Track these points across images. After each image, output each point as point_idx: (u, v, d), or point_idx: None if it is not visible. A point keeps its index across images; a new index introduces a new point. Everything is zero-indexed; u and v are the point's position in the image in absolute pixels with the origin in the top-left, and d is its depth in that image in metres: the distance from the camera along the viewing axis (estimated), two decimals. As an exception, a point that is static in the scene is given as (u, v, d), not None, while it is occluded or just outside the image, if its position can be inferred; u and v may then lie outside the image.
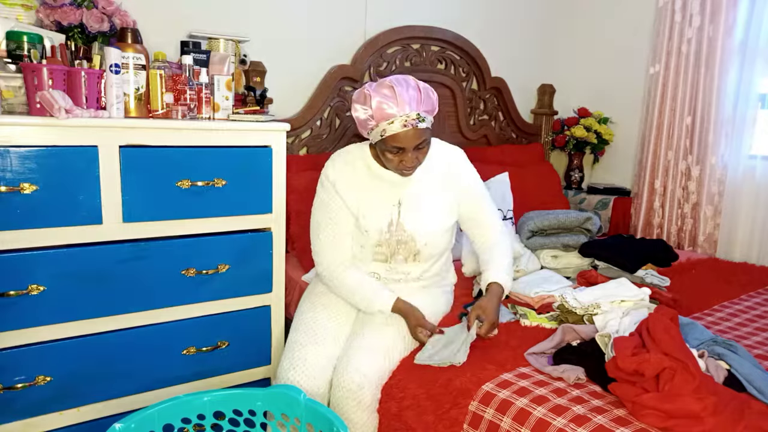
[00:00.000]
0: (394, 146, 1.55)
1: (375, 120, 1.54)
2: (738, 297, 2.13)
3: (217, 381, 1.80)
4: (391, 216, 1.69)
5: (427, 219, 1.70)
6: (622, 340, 1.38)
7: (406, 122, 1.52)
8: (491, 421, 1.36)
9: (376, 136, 1.57)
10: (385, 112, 1.52)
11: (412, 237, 1.69)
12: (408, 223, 1.68)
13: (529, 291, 1.91)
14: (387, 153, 1.58)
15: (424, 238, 1.70)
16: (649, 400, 1.25)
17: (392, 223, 1.68)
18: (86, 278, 1.53)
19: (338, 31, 2.53)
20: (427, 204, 1.71)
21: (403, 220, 1.68)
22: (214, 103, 1.80)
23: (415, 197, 1.70)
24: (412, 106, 1.53)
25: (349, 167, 1.70)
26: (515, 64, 3.17)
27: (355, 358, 1.56)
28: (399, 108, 1.51)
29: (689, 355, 1.31)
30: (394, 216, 1.69)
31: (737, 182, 2.77)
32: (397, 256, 1.71)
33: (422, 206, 1.70)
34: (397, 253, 1.71)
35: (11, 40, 1.55)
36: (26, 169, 1.43)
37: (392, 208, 1.69)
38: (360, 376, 1.52)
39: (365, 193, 1.69)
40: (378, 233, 1.68)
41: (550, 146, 3.32)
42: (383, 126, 1.53)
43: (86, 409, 1.60)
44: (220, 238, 1.74)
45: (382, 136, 1.54)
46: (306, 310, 1.76)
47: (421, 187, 1.71)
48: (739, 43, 2.72)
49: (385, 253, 1.71)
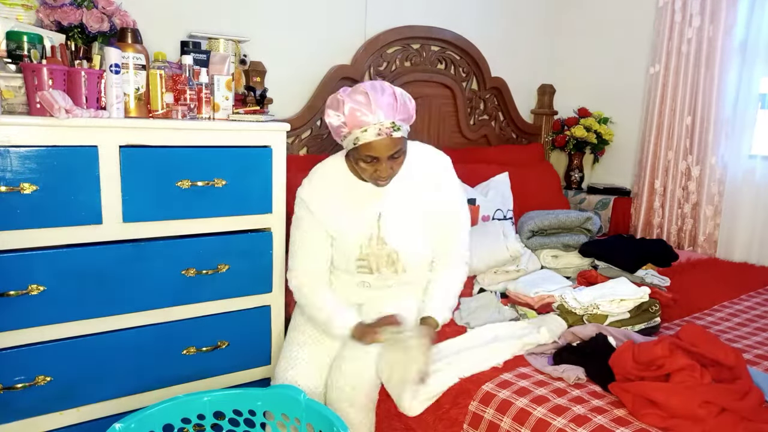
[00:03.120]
0: (368, 155, 1.46)
1: (348, 127, 1.46)
2: (738, 297, 2.13)
3: (217, 381, 1.80)
4: (371, 231, 1.60)
5: (408, 229, 1.61)
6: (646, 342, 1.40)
7: (380, 131, 1.43)
8: (491, 421, 1.36)
9: (349, 144, 1.49)
10: (358, 120, 1.43)
11: (395, 251, 1.60)
12: (389, 237, 1.60)
13: (529, 291, 1.91)
14: (360, 162, 1.50)
15: (407, 251, 1.61)
16: (656, 389, 1.25)
17: (372, 237, 1.59)
18: (86, 278, 1.53)
19: (338, 31, 2.53)
20: (408, 215, 1.62)
21: (383, 235, 1.59)
22: (214, 103, 1.80)
23: (395, 209, 1.61)
24: (387, 114, 1.44)
25: (326, 182, 1.63)
26: (515, 64, 3.17)
27: (350, 359, 1.55)
28: (373, 116, 1.43)
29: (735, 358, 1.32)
30: (374, 231, 1.60)
31: (737, 182, 2.77)
32: (382, 268, 1.62)
33: (403, 219, 1.61)
34: (380, 265, 1.61)
35: (11, 40, 1.54)
36: (26, 169, 1.43)
37: (372, 222, 1.60)
38: (355, 377, 1.52)
39: (343, 208, 1.61)
40: (358, 249, 1.60)
41: (550, 146, 3.32)
42: (356, 134, 1.44)
43: (86, 409, 1.60)
44: (220, 238, 1.74)
45: (355, 144, 1.46)
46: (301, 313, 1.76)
47: (401, 197, 1.62)
48: (739, 43, 2.72)
49: (368, 266, 1.62)
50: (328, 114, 1.50)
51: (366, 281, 1.68)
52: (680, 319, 1.88)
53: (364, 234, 1.60)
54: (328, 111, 1.51)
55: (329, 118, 1.50)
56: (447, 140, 2.85)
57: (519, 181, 2.69)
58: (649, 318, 1.73)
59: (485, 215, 2.46)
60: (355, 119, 1.44)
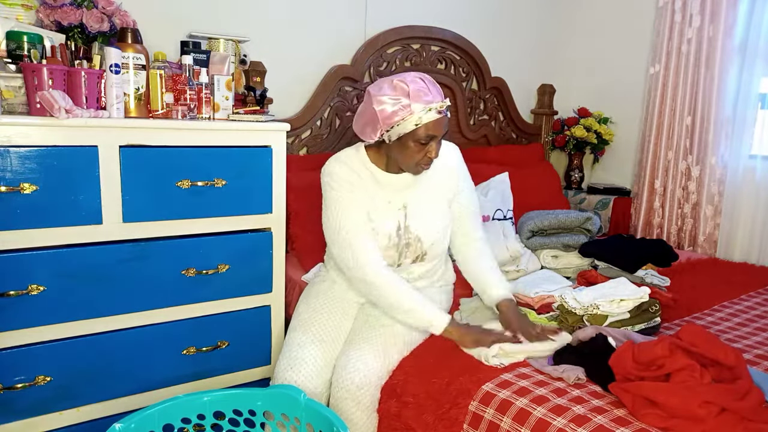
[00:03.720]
0: (429, 134, 1.53)
1: (411, 109, 1.50)
2: (738, 297, 2.13)
3: (217, 381, 1.80)
4: (398, 220, 1.68)
5: (431, 220, 1.70)
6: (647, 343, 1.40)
7: (441, 109, 1.53)
8: (491, 421, 1.36)
9: (407, 126, 1.52)
10: (422, 99, 1.51)
11: (418, 239, 1.69)
12: (414, 226, 1.68)
13: (529, 291, 1.91)
14: (412, 146, 1.55)
15: (430, 239, 1.70)
16: (655, 389, 1.25)
17: (400, 227, 1.68)
18: (86, 278, 1.53)
19: (338, 31, 2.53)
20: (430, 205, 1.71)
21: (409, 224, 1.68)
22: (214, 103, 1.80)
23: (418, 199, 1.70)
24: (440, 93, 1.57)
25: (353, 170, 1.67)
26: (515, 64, 3.17)
27: (355, 358, 1.55)
28: (435, 96, 1.53)
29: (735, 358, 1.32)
30: (401, 220, 1.68)
31: (737, 182, 2.77)
32: (405, 258, 1.71)
33: (426, 208, 1.70)
34: (405, 256, 1.71)
35: (11, 40, 1.55)
36: (26, 169, 1.43)
37: (398, 212, 1.69)
38: (360, 376, 1.52)
39: (371, 197, 1.66)
40: (387, 238, 1.67)
41: (550, 146, 3.32)
42: (419, 114, 1.50)
43: (86, 409, 1.60)
44: (220, 238, 1.74)
45: (416, 125, 1.51)
46: (304, 311, 1.76)
47: (423, 189, 1.71)
48: (739, 43, 2.72)
49: (393, 257, 1.70)
50: (382, 101, 1.53)
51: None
52: (680, 319, 1.88)
53: (392, 223, 1.67)
54: (380, 98, 1.53)
55: (382, 105, 1.52)
56: (447, 140, 2.84)
57: (519, 181, 2.69)
58: (649, 318, 1.73)
59: (485, 215, 2.45)
60: (419, 99, 1.51)
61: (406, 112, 1.51)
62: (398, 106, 1.52)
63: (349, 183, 1.65)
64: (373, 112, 1.54)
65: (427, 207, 1.70)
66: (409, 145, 1.56)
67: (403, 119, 1.52)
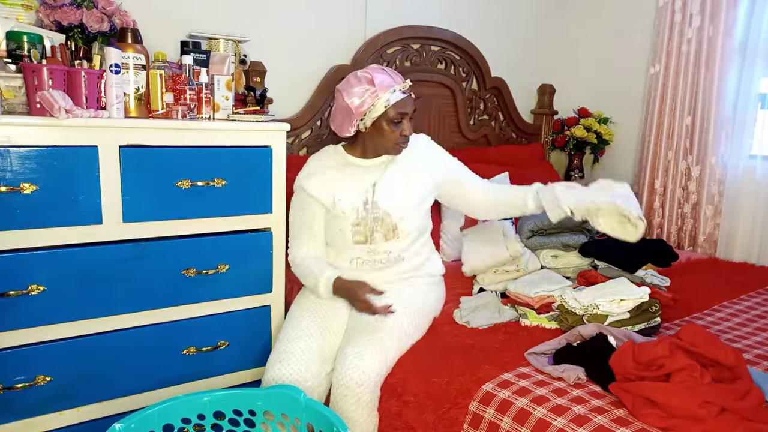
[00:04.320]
0: (399, 112, 1.68)
1: (378, 94, 1.65)
2: (738, 297, 2.13)
3: (217, 381, 1.80)
4: (366, 195, 1.75)
5: (401, 195, 1.76)
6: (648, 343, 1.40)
7: (405, 89, 1.70)
8: (491, 421, 1.36)
9: (378, 110, 1.66)
10: (386, 84, 1.67)
11: (386, 212, 1.74)
12: (382, 200, 1.74)
13: (529, 291, 1.91)
14: (386, 127, 1.69)
15: (399, 213, 1.75)
16: (656, 389, 1.25)
17: (367, 201, 1.74)
18: (86, 278, 1.53)
19: (338, 31, 2.53)
20: (400, 183, 1.78)
21: (377, 199, 1.74)
22: (214, 103, 1.80)
23: (388, 178, 1.77)
24: (402, 79, 1.73)
25: (321, 164, 1.80)
26: (515, 64, 3.17)
27: (353, 356, 1.56)
28: (396, 78, 1.71)
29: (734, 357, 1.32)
30: (369, 196, 1.75)
31: (737, 182, 2.77)
32: (376, 234, 1.75)
33: (395, 185, 1.77)
34: (375, 230, 1.74)
35: (11, 40, 1.55)
36: (26, 169, 1.43)
37: (368, 189, 1.75)
38: (358, 373, 1.52)
39: (340, 180, 1.76)
40: (354, 212, 1.73)
41: (550, 146, 3.32)
42: (386, 96, 1.66)
43: (86, 409, 1.60)
44: (220, 238, 1.74)
45: (386, 107, 1.66)
46: (294, 309, 1.80)
47: (394, 169, 1.79)
48: (739, 43, 2.72)
49: (363, 233, 1.74)
50: (351, 93, 1.68)
51: (359, 256, 1.77)
52: (680, 319, 1.88)
53: (359, 199, 1.74)
54: (349, 91, 1.68)
55: (352, 97, 1.68)
56: (447, 140, 2.85)
57: (519, 181, 2.66)
58: (649, 318, 1.73)
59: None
60: (384, 84, 1.67)
61: (374, 97, 1.66)
62: (366, 94, 1.67)
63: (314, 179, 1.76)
64: (346, 106, 1.69)
65: (396, 184, 1.77)
66: (383, 127, 1.70)
67: (373, 104, 1.67)
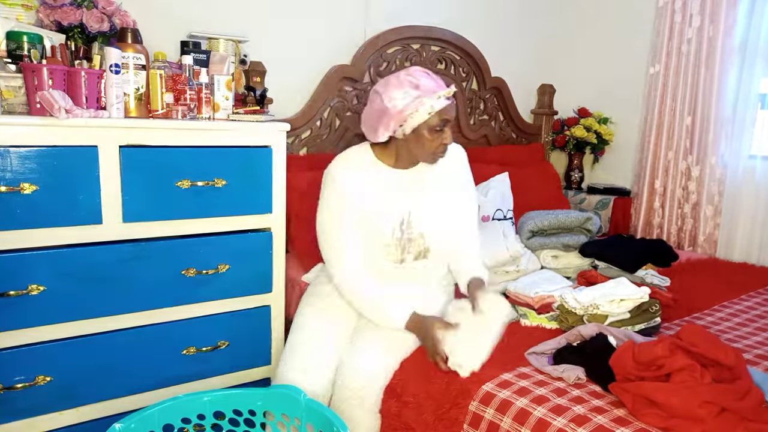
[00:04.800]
0: (442, 119, 1.58)
1: (422, 100, 1.54)
2: (738, 297, 2.13)
3: (217, 381, 1.80)
4: (402, 216, 1.68)
5: (437, 218, 1.71)
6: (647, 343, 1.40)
7: (449, 95, 1.59)
8: (491, 421, 1.36)
9: (421, 116, 1.56)
10: (431, 89, 1.57)
11: (422, 235, 1.69)
12: (418, 222, 1.68)
13: (529, 291, 1.91)
14: (427, 135, 1.58)
15: (434, 236, 1.70)
16: (656, 389, 1.25)
17: (403, 222, 1.67)
18: (86, 278, 1.53)
19: (338, 31, 2.53)
20: (436, 202, 1.71)
21: (413, 219, 1.68)
22: (214, 103, 1.80)
23: (424, 196, 1.70)
24: (445, 83, 1.62)
25: (357, 167, 1.68)
26: (515, 64, 3.17)
27: (359, 358, 1.56)
28: (440, 83, 1.60)
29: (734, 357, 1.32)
30: (405, 216, 1.68)
31: (737, 182, 2.77)
32: (408, 254, 1.69)
33: (432, 205, 1.71)
34: (407, 251, 1.69)
35: (11, 40, 1.55)
36: (26, 169, 1.43)
37: (403, 208, 1.68)
38: (363, 376, 1.52)
39: (375, 194, 1.66)
40: (391, 232, 1.66)
41: (550, 146, 3.32)
42: (431, 102, 1.55)
43: (86, 409, 1.60)
44: (220, 238, 1.74)
45: (429, 113, 1.56)
46: (307, 313, 1.76)
47: (430, 186, 1.72)
48: (739, 43, 2.72)
49: (395, 253, 1.68)
50: (392, 97, 1.56)
51: (383, 268, 1.70)
52: (680, 319, 1.88)
53: (396, 219, 1.67)
54: (390, 95, 1.56)
55: (393, 101, 1.56)
56: (447, 140, 2.85)
57: (519, 181, 2.69)
58: (649, 318, 1.73)
59: (485, 215, 2.45)
60: (429, 89, 1.56)
61: (418, 102, 1.55)
62: (409, 98, 1.55)
63: (350, 182, 1.64)
64: (384, 108, 1.56)
65: (433, 204, 1.71)
66: (424, 135, 1.59)
67: (416, 110, 1.55)
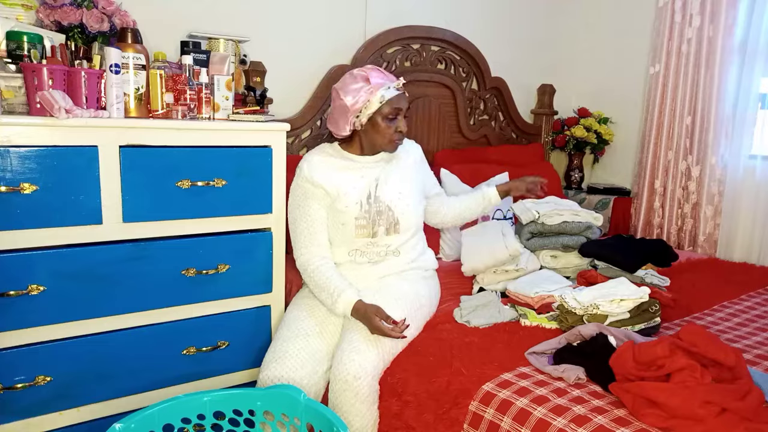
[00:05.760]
0: (393, 108, 1.73)
1: (372, 91, 1.70)
2: (738, 297, 2.13)
3: (217, 381, 1.80)
4: (369, 190, 1.79)
5: (402, 191, 1.82)
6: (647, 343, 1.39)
7: (399, 87, 1.76)
8: (491, 421, 1.36)
9: (373, 105, 1.71)
10: (381, 82, 1.72)
11: (389, 207, 1.79)
12: (384, 194, 1.79)
13: (529, 291, 1.91)
14: (381, 123, 1.74)
15: (400, 207, 1.80)
16: (656, 389, 1.25)
17: (370, 195, 1.78)
18: (86, 278, 1.53)
19: (338, 31, 2.53)
20: (401, 180, 1.84)
21: (379, 193, 1.79)
22: (214, 103, 1.80)
23: (389, 173, 1.83)
24: (395, 79, 1.79)
25: (324, 157, 1.82)
26: (515, 64, 3.17)
27: (348, 350, 1.58)
28: (390, 76, 1.78)
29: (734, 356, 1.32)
30: (371, 189, 1.79)
31: (737, 182, 2.77)
32: (379, 227, 1.78)
33: (396, 181, 1.83)
34: (378, 224, 1.78)
35: (11, 40, 1.54)
36: (26, 169, 1.43)
37: (370, 184, 1.79)
38: (355, 366, 1.54)
39: (343, 175, 1.78)
40: (358, 206, 1.76)
41: (550, 146, 3.32)
42: (381, 92, 1.71)
43: (86, 409, 1.60)
44: (220, 238, 1.74)
45: (380, 103, 1.71)
46: (291, 310, 1.80)
47: (394, 166, 1.86)
48: (739, 43, 2.72)
49: (366, 227, 1.77)
50: (347, 91, 1.73)
51: (359, 249, 1.79)
52: (680, 319, 1.88)
53: (362, 193, 1.78)
54: (345, 89, 1.73)
55: (348, 95, 1.72)
56: (447, 140, 2.85)
57: (519, 181, 2.68)
58: (649, 318, 1.73)
59: (485, 215, 2.45)
60: (379, 81, 1.73)
61: (369, 93, 1.71)
62: (362, 92, 1.71)
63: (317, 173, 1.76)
64: (343, 104, 1.72)
65: (397, 180, 1.83)
66: (379, 123, 1.74)
67: (368, 101, 1.71)
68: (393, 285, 1.78)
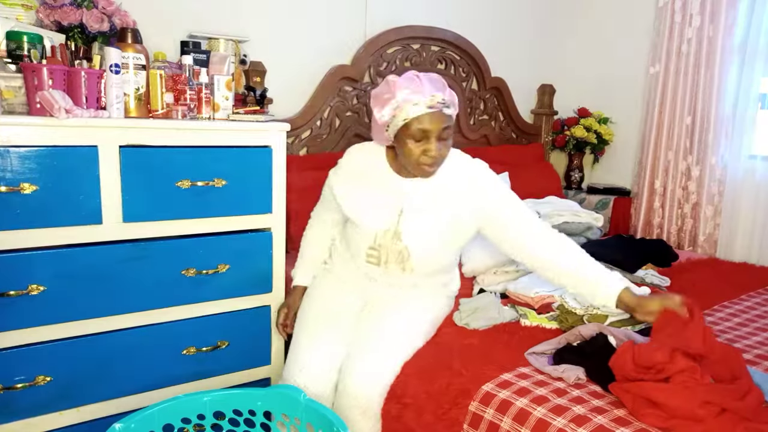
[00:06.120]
0: (421, 129, 1.44)
1: (398, 106, 1.44)
2: (738, 297, 2.13)
3: (217, 381, 1.80)
4: (390, 223, 1.59)
5: (427, 234, 1.58)
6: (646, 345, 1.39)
7: (432, 104, 1.43)
8: (491, 422, 1.36)
9: (398, 122, 1.45)
10: (409, 95, 1.43)
11: (407, 250, 1.58)
12: (405, 234, 1.58)
13: (529, 291, 1.91)
14: (409, 142, 1.47)
15: (419, 253, 1.59)
16: (656, 389, 1.25)
17: (389, 230, 1.58)
18: (86, 278, 1.53)
19: (338, 31, 2.53)
20: (431, 218, 1.58)
21: (401, 229, 1.58)
22: (214, 103, 1.80)
23: (419, 209, 1.58)
24: (437, 89, 1.46)
25: (358, 168, 1.66)
26: (515, 64, 3.17)
27: (362, 364, 1.54)
28: (424, 90, 1.44)
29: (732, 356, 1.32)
30: (392, 224, 1.58)
31: (737, 182, 2.77)
32: (390, 264, 1.61)
33: (424, 220, 1.58)
34: (389, 261, 1.61)
35: (11, 40, 1.54)
36: (26, 169, 1.43)
37: (393, 215, 1.59)
38: (367, 384, 1.51)
39: (368, 197, 1.62)
40: (372, 237, 1.60)
41: (550, 146, 3.32)
42: (407, 108, 1.43)
43: (86, 409, 1.60)
44: (220, 238, 1.74)
45: (405, 120, 1.44)
46: (308, 309, 1.76)
47: (429, 200, 1.58)
48: (739, 43, 2.72)
49: (377, 258, 1.62)
50: (376, 101, 1.50)
51: (371, 274, 1.68)
52: (680, 319, 1.88)
53: (382, 225, 1.59)
54: (376, 97, 1.51)
55: (376, 106, 1.49)
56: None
57: (519, 181, 2.68)
58: (649, 318, 1.73)
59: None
60: (405, 94, 1.44)
61: (394, 108, 1.46)
62: (387, 105, 1.47)
63: (342, 185, 1.68)
64: (374, 116, 1.52)
65: (426, 219, 1.58)
66: (406, 142, 1.48)
67: (394, 116, 1.46)
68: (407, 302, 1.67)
